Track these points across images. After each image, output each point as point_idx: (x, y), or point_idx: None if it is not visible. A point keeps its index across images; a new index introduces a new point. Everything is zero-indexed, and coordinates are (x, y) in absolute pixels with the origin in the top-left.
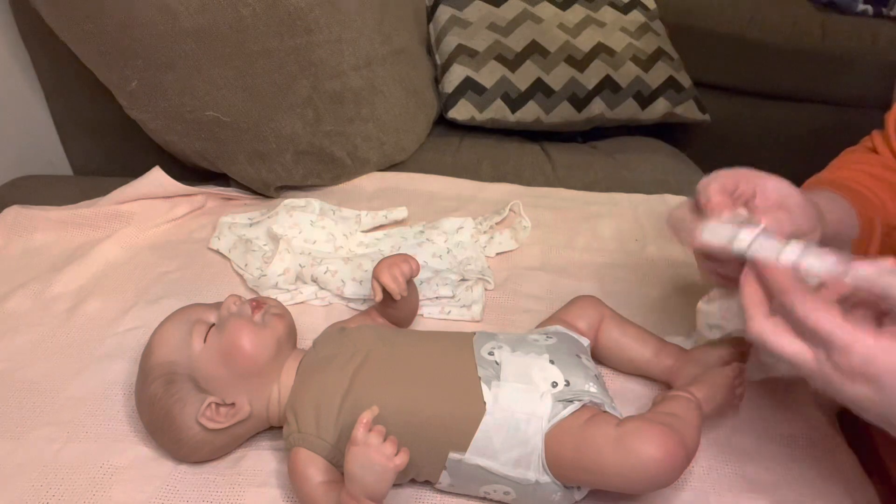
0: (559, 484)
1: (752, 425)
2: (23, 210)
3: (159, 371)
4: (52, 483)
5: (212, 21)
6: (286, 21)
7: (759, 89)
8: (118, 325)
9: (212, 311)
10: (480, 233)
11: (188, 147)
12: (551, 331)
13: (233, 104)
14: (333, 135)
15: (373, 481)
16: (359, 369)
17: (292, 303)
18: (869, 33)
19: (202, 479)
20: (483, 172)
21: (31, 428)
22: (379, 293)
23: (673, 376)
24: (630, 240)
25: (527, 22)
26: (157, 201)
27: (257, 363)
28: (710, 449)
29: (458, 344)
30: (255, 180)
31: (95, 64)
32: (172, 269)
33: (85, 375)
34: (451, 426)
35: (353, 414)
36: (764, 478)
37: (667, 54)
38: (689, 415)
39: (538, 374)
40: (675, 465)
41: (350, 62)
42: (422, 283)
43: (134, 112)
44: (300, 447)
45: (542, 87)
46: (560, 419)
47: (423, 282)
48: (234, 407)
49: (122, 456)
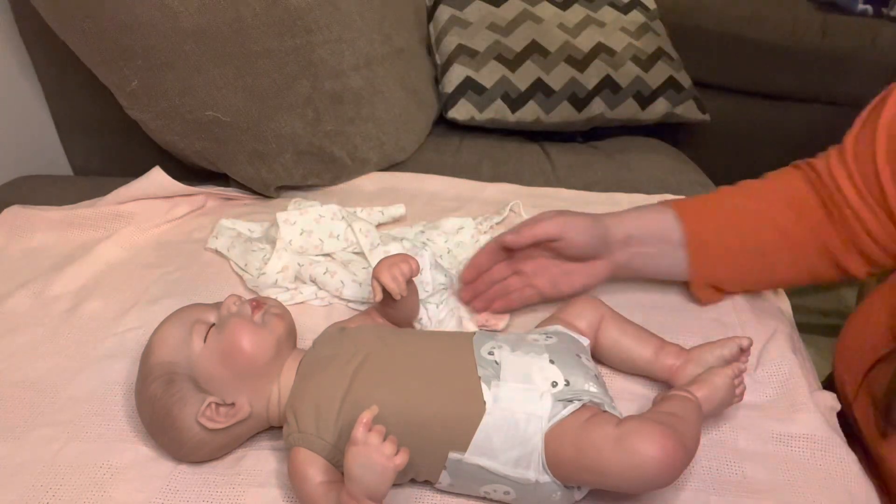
0: (559, 483)
1: (753, 426)
2: (23, 210)
3: (159, 371)
4: (52, 483)
5: (212, 21)
6: (286, 21)
7: (759, 89)
8: (118, 325)
9: (212, 311)
10: (481, 233)
11: (188, 147)
12: (551, 331)
13: (233, 104)
14: (333, 135)
15: (373, 481)
16: (359, 369)
17: (292, 303)
18: (869, 33)
19: (202, 479)
20: (483, 172)
21: (31, 428)
22: (379, 293)
23: (673, 376)
24: None
25: (527, 22)
26: (157, 201)
27: (257, 363)
28: (711, 449)
29: (457, 344)
30: (254, 180)
31: (95, 64)
32: (172, 269)
33: (85, 375)
34: (451, 426)
35: (353, 414)
36: (764, 478)
37: (667, 54)
38: (689, 414)
39: (538, 374)
40: (675, 464)
41: (350, 62)
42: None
43: (134, 112)
44: (300, 447)
45: (542, 87)
46: (560, 419)
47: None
48: (234, 407)
49: (123, 456)
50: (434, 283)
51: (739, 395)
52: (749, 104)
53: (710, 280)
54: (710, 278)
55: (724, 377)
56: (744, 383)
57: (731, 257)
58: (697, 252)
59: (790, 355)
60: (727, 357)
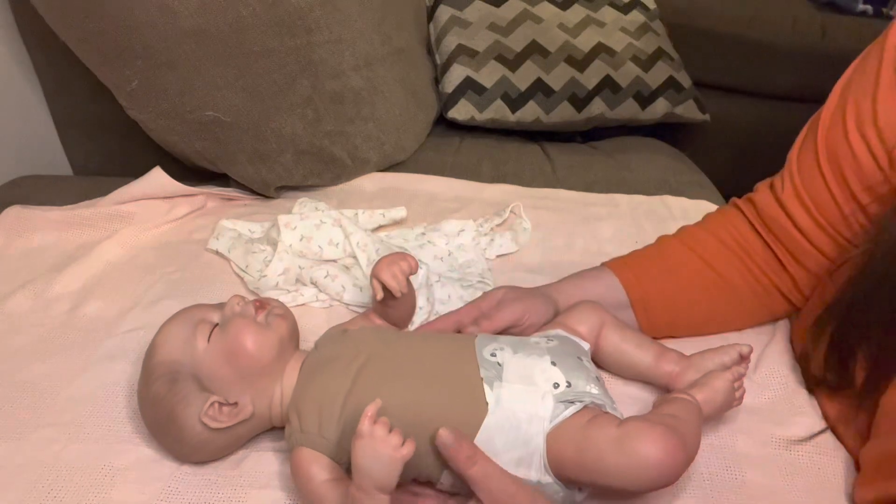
0: (561, 484)
1: (752, 429)
2: (23, 210)
3: (162, 370)
4: (53, 484)
5: (212, 21)
6: (286, 21)
7: (759, 89)
8: (118, 326)
9: (215, 311)
10: (481, 235)
11: (188, 147)
12: (552, 334)
13: (233, 104)
14: (333, 135)
15: (381, 472)
16: (361, 370)
17: (294, 304)
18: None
19: (204, 480)
20: (483, 173)
21: (31, 429)
22: (380, 291)
23: (673, 382)
24: (630, 241)
25: (527, 22)
26: (157, 201)
27: (260, 363)
28: (710, 453)
29: (459, 345)
30: (255, 180)
31: (95, 64)
32: (173, 269)
33: (85, 376)
34: (453, 426)
35: (356, 413)
36: (764, 482)
37: (667, 54)
38: (690, 416)
39: (540, 376)
40: (675, 464)
41: (350, 62)
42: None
43: (134, 112)
44: (303, 446)
45: (542, 87)
46: (562, 420)
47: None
48: (237, 406)
49: (123, 457)
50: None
51: (739, 398)
52: (749, 104)
53: (661, 333)
54: (660, 332)
55: (723, 381)
56: (743, 387)
57: (677, 310)
58: (644, 311)
59: (789, 359)
60: (727, 363)
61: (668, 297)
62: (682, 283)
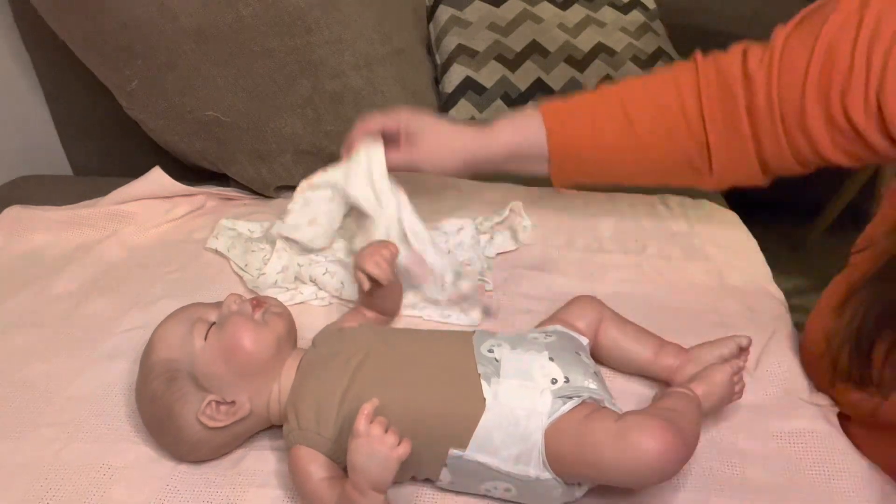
0: (559, 480)
1: (753, 426)
2: (23, 210)
3: (160, 369)
4: (53, 483)
5: (212, 21)
6: (286, 21)
7: None
8: (118, 326)
9: (212, 310)
10: (481, 233)
11: (188, 147)
12: (550, 330)
13: (233, 104)
14: (334, 135)
15: (377, 471)
16: (359, 367)
17: (292, 303)
18: None
19: (202, 479)
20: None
21: (31, 428)
22: (366, 282)
23: (672, 376)
24: (629, 240)
25: (527, 22)
26: (157, 201)
27: (257, 361)
28: (711, 450)
29: (457, 342)
30: (255, 180)
31: (95, 64)
32: (172, 269)
33: (85, 376)
34: (452, 423)
35: (354, 411)
36: (765, 478)
37: (667, 54)
38: (689, 409)
39: (538, 371)
40: (675, 458)
41: (350, 62)
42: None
43: (134, 112)
44: (300, 444)
45: (542, 87)
46: (560, 415)
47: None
48: (235, 405)
49: (123, 456)
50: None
51: (739, 392)
52: None
53: (567, 182)
54: (567, 182)
55: (723, 374)
56: (743, 381)
57: (588, 164)
58: (559, 164)
59: (790, 354)
60: (726, 356)
61: (583, 156)
62: (601, 144)
